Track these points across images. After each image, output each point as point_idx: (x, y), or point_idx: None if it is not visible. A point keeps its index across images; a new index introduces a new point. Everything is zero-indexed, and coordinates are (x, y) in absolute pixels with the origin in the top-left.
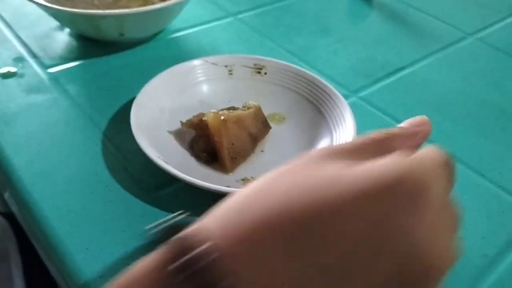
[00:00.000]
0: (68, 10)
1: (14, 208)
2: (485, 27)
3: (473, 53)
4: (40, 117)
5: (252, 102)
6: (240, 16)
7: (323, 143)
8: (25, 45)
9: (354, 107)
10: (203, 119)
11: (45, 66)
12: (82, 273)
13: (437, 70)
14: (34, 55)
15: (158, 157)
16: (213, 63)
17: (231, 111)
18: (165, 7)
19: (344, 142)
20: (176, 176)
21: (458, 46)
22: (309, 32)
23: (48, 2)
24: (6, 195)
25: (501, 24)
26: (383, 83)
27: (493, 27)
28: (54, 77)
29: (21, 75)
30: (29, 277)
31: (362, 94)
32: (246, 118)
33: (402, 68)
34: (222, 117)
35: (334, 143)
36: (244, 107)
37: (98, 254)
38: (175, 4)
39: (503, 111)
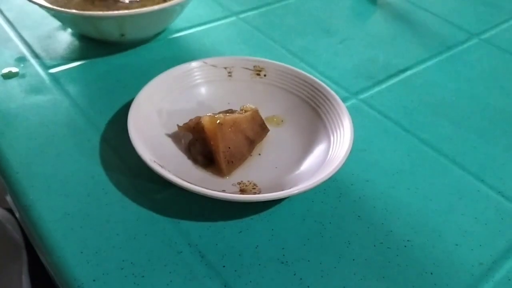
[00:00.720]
0: (68, 11)
1: (14, 209)
2: (491, 28)
3: (478, 54)
4: (39, 118)
5: (249, 105)
6: (242, 15)
7: (321, 147)
8: (27, 45)
9: (354, 110)
10: (199, 122)
11: (46, 67)
12: (76, 276)
13: (440, 71)
14: (36, 55)
15: (154, 161)
16: (212, 65)
17: (227, 114)
18: (166, 8)
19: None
20: (170, 181)
21: (463, 47)
22: (312, 32)
23: (49, 3)
24: (8, 197)
25: (507, 24)
26: (384, 85)
27: (499, 27)
28: (55, 78)
29: (23, 76)
30: (34, 276)
31: (363, 96)
32: (243, 122)
33: (405, 70)
34: (218, 121)
35: (332, 147)
36: (241, 110)
37: (93, 257)
38: (176, 5)
39: (508, 114)
